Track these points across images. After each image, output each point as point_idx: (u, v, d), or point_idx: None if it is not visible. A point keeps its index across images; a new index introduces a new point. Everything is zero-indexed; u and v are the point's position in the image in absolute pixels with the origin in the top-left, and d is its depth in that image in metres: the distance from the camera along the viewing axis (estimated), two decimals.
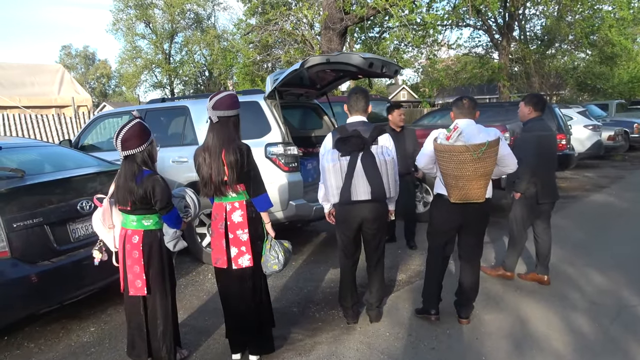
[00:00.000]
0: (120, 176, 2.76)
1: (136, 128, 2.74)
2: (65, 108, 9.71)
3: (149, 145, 2.79)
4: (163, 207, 2.76)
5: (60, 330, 3.61)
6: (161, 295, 2.86)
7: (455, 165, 2.96)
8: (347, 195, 3.12)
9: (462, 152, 2.91)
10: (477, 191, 3.03)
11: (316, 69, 4.69)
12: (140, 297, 2.84)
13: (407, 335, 3.28)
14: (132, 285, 2.81)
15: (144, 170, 2.74)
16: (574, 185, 8.95)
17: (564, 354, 2.93)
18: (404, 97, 38.06)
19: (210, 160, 2.80)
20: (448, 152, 2.97)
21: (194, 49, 33.16)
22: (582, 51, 20.65)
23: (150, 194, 2.69)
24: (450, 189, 3.11)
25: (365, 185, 3.10)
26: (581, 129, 10.32)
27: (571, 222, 6.14)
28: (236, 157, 2.77)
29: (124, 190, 2.71)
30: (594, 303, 3.64)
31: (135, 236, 2.78)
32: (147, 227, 2.80)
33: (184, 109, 5.26)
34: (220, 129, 2.83)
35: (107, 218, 2.91)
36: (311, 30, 15.60)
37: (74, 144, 5.75)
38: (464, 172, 2.95)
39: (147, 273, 2.80)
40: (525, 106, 4.04)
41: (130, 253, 2.79)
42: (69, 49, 49.32)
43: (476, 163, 2.92)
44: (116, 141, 2.71)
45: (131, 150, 2.72)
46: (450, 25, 18.96)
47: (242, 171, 2.81)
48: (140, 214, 2.77)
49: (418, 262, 4.81)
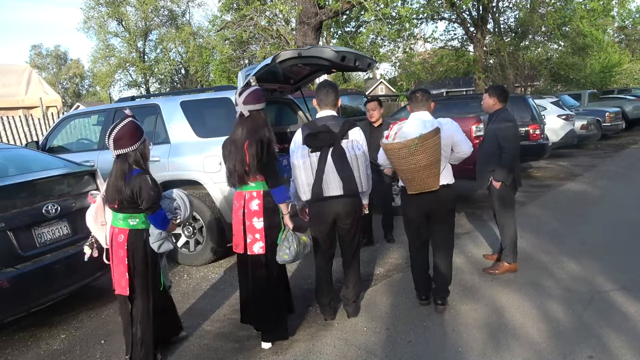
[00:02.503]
0: (111, 174, 2.78)
1: (129, 127, 2.73)
2: (34, 109, 9.42)
3: (142, 144, 2.79)
4: (148, 207, 2.73)
5: (29, 338, 3.50)
6: (142, 297, 2.85)
7: (398, 161, 3.14)
8: (319, 192, 3.10)
9: (400, 149, 3.07)
10: (428, 180, 3.17)
11: (289, 63, 4.63)
12: (125, 297, 2.84)
13: (384, 329, 3.27)
14: (117, 284, 2.84)
15: (134, 169, 2.73)
16: (548, 175, 9.08)
17: (539, 341, 2.96)
18: (382, 91, 38.18)
19: (235, 152, 2.96)
20: (389, 151, 3.15)
21: (169, 46, 32.69)
22: (555, 42, 21.02)
23: (137, 193, 2.68)
24: (405, 182, 3.29)
25: (336, 180, 3.09)
26: (555, 119, 10.48)
27: (545, 210, 6.22)
28: (257, 148, 2.90)
29: (113, 188, 2.74)
30: (568, 290, 3.68)
31: (120, 235, 2.80)
32: (132, 226, 2.80)
33: (154, 107, 5.14)
34: (250, 122, 2.98)
35: (99, 215, 2.93)
36: (287, 26, 15.50)
37: (41, 146, 5.58)
38: (408, 166, 3.11)
39: (130, 273, 2.79)
40: (489, 97, 4.07)
41: (117, 252, 2.80)
42: (40, 48, 48.05)
43: (414, 156, 3.05)
44: (108, 140, 2.71)
45: (123, 150, 2.71)
46: (425, 18, 19.10)
47: (261, 162, 2.92)
48: (127, 212, 2.78)
49: (396, 255, 4.80)
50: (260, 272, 3.07)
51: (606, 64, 24.59)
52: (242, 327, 3.40)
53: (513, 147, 3.91)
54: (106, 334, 3.48)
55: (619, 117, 14.04)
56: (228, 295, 4.05)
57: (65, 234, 3.60)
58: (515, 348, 2.91)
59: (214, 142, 4.47)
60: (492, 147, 3.99)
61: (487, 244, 4.93)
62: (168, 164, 4.78)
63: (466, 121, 6.16)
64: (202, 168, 4.62)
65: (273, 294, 3.11)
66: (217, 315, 3.68)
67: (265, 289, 3.09)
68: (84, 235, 3.71)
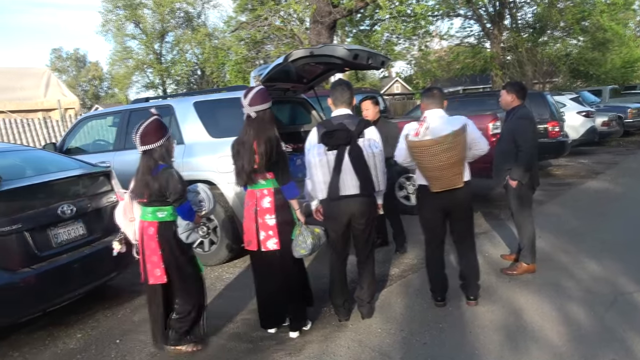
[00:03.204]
0: (138, 170, 2.92)
1: (154, 124, 2.91)
2: (52, 111, 9.58)
3: (167, 140, 2.95)
4: (176, 200, 2.89)
5: (47, 337, 3.53)
6: (182, 282, 3.01)
7: (427, 158, 3.11)
8: (335, 190, 3.07)
9: (431, 146, 3.06)
10: (454, 178, 3.18)
11: (301, 63, 4.61)
12: (159, 286, 2.98)
13: (399, 331, 3.22)
14: (151, 274, 2.96)
15: (160, 164, 2.89)
16: (569, 172, 8.90)
17: (559, 344, 2.87)
18: (398, 90, 37.96)
19: (244, 152, 3.02)
20: (418, 148, 3.13)
21: (185, 48, 32.94)
22: (574, 37, 20.58)
23: (165, 186, 2.84)
24: (429, 180, 3.26)
25: (353, 179, 3.06)
26: (574, 115, 10.26)
27: (566, 209, 6.08)
28: (266, 147, 2.95)
29: (141, 184, 2.88)
30: (589, 291, 3.58)
31: (150, 228, 2.93)
32: (161, 218, 2.94)
33: (168, 108, 5.17)
34: (257, 122, 3.03)
35: (128, 211, 3.07)
36: (301, 25, 15.49)
37: (58, 148, 5.66)
38: (437, 163, 3.10)
39: (165, 262, 2.94)
40: (508, 94, 3.99)
41: (148, 244, 2.94)
42: (60, 51, 48.91)
43: (446, 153, 3.06)
44: (135, 136, 2.88)
45: (149, 145, 2.87)
46: (441, 15, 18.91)
47: (270, 160, 2.98)
48: (155, 205, 2.92)
49: (411, 256, 4.74)
50: (276, 266, 3.15)
51: (628, 58, 23.98)
52: (257, 328, 3.40)
53: (530, 145, 3.82)
54: (121, 333, 3.50)
55: None
56: (242, 296, 4.04)
57: (81, 234, 3.63)
58: (534, 351, 2.83)
59: (227, 142, 4.39)
60: (509, 144, 3.91)
61: (505, 244, 4.83)
62: (182, 164, 4.78)
63: (483, 119, 6.07)
64: (215, 168, 4.62)
65: (294, 285, 3.21)
66: (232, 315, 3.67)
67: (285, 281, 3.17)
68: (99, 235, 3.78)
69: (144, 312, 3.83)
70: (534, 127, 3.94)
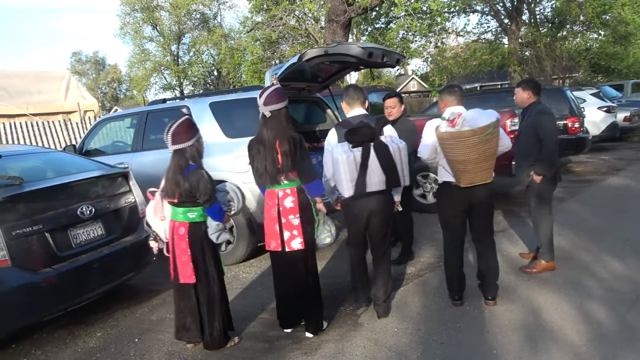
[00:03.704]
0: (169, 170, 2.95)
1: (185, 124, 2.95)
2: (72, 114, 9.77)
3: (197, 141, 2.99)
4: (206, 200, 2.92)
5: (68, 336, 3.60)
6: (208, 283, 3.04)
7: (464, 150, 3.02)
8: (362, 187, 3.09)
9: (469, 137, 2.98)
10: (486, 172, 3.14)
11: (315, 62, 4.60)
12: (191, 284, 3.01)
13: (416, 330, 3.19)
14: (181, 274, 3.00)
15: (191, 164, 2.92)
16: (589, 169, 8.72)
17: (579, 344, 2.82)
18: (414, 87, 37.69)
19: (265, 152, 3.00)
20: (455, 139, 3.04)
21: (201, 49, 33.24)
22: (595, 32, 20.15)
23: (195, 187, 2.87)
24: (459, 174, 3.17)
25: (380, 175, 3.09)
26: (595, 111, 10.06)
27: (586, 206, 5.97)
28: (290, 146, 2.95)
29: (172, 183, 2.91)
30: (610, 290, 3.51)
31: (181, 228, 2.97)
32: (192, 219, 2.98)
33: (184, 108, 5.20)
34: (273, 122, 3.02)
35: (158, 210, 3.10)
36: (316, 24, 15.49)
37: (78, 149, 5.75)
38: (472, 156, 3.02)
39: (194, 262, 2.97)
40: (524, 91, 3.95)
41: (178, 244, 2.98)
42: (79, 55, 49.70)
43: (484, 145, 3.00)
44: (166, 136, 2.92)
45: (180, 145, 2.91)
46: (457, 11, 18.70)
47: (294, 159, 2.98)
48: (186, 206, 2.95)
49: (428, 254, 4.71)
50: (300, 266, 3.16)
51: None
52: (273, 327, 3.41)
53: (554, 139, 3.78)
54: (140, 332, 3.55)
55: None
56: (259, 295, 4.06)
57: (100, 234, 3.69)
58: (553, 351, 2.78)
59: (242, 142, 4.45)
60: (529, 141, 3.85)
61: (523, 242, 4.76)
62: None
63: (501, 115, 5.96)
64: (231, 168, 4.65)
65: (314, 286, 3.23)
66: (248, 314, 3.68)
67: (306, 282, 3.18)
68: (117, 235, 3.83)
69: (162, 311, 3.90)
70: (554, 121, 3.89)
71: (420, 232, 5.16)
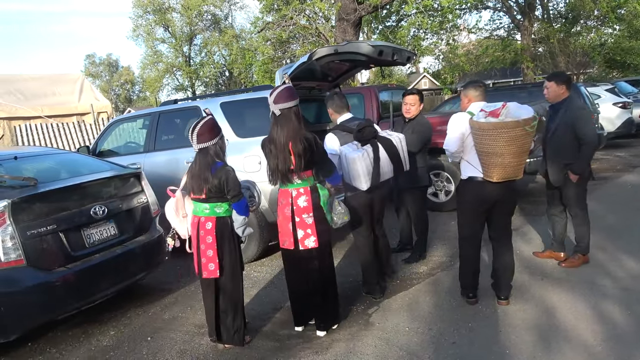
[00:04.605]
0: (195, 167, 3.02)
1: (209, 123, 3.02)
2: (86, 115, 9.89)
3: (220, 139, 3.07)
4: (235, 196, 3.01)
5: (82, 334, 3.64)
6: (233, 278, 3.11)
7: (505, 142, 2.94)
8: (377, 178, 3.40)
9: (513, 128, 2.92)
10: (519, 168, 3.10)
11: (325, 60, 4.60)
12: (212, 280, 3.08)
13: (427, 329, 3.18)
14: (205, 269, 3.05)
15: (217, 162, 3.00)
16: (605, 166, 8.59)
17: (593, 344, 2.78)
18: (425, 85, 37.46)
19: (277, 152, 3.01)
20: (498, 129, 2.96)
21: (213, 50, 33.44)
22: (609, 26, 19.85)
23: (224, 183, 2.95)
24: (492, 168, 3.09)
25: (389, 165, 3.49)
26: (610, 107, 9.89)
27: (601, 204, 5.87)
28: (304, 146, 2.97)
29: (199, 179, 2.98)
30: (626, 289, 3.45)
31: (208, 223, 3.03)
32: (219, 214, 3.05)
33: (195, 109, 5.25)
34: (284, 121, 3.02)
35: (179, 207, 3.17)
36: (327, 23, 15.48)
37: (91, 150, 5.82)
38: (512, 149, 2.96)
39: (220, 257, 3.03)
40: (558, 85, 3.83)
41: (204, 238, 3.03)
42: (93, 57, 50.17)
43: (525, 138, 2.96)
44: (192, 135, 2.99)
45: (205, 144, 2.98)
46: (469, 8, 18.54)
47: (309, 159, 3.01)
48: (213, 202, 3.03)
49: (440, 253, 4.68)
50: (314, 264, 3.19)
51: None
52: (283, 326, 3.42)
53: (594, 138, 3.75)
54: (153, 331, 3.58)
55: None
56: (270, 294, 4.07)
57: (113, 234, 3.73)
58: (567, 351, 2.75)
59: (253, 142, 4.50)
60: (566, 139, 3.77)
61: (537, 241, 4.71)
62: None
63: None
64: (242, 168, 4.66)
65: (329, 284, 3.27)
66: (259, 313, 3.70)
67: (321, 279, 3.21)
68: (130, 235, 3.87)
69: (174, 309, 3.93)
70: (592, 118, 3.83)
71: (432, 230, 5.12)
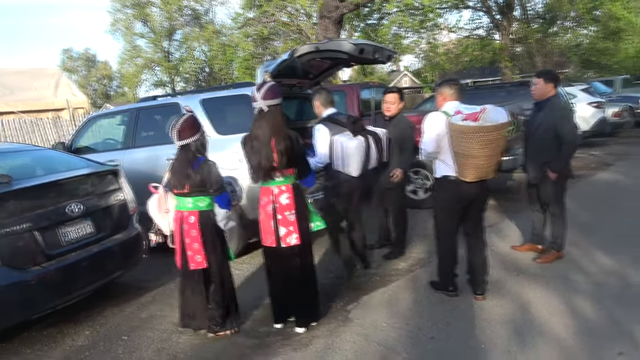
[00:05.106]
0: (176, 164, 3.09)
1: (190, 120, 3.09)
2: (62, 111, 9.69)
3: (201, 135, 3.14)
4: (217, 190, 3.09)
5: (57, 334, 3.58)
6: (218, 268, 3.18)
7: (482, 145, 3.04)
8: (366, 166, 3.66)
9: (492, 132, 3.02)
10: (492, 168, 3.22)
11: (307, 58, 4.61)
12: (200, 271, 3.14)
13: (405, 325, 3.21)
14: (192, 261, 3.12)
15: (199, 157, 3.07)
16: (579, 164, 8.77)
17: (566, 338, 2.86)
18: (406, 84, 37.71)
19: (260, 148, 3.02)
20: (477, 133, 3.03)
21: (193, 45, 33.04)
22: (585, 27, 20.29)
23: (207, 177, 3.03)
24: (467, 169, 3.17)
25: (375, 155, 3.73)
26: (585, 106, 10.11)
27: (576, 202, 5.98)
28: (286, 144, 3.00)
29: (181, 176, 3.04)
30: (598, 284, 3.55)
31: (191, 216, 3.10)
32: (201, 208, 3.11)
33: (175, 106, 5.19)
34: (269, 117, 3.04)
35: (162, 204, 3.22)
36: (308, 20, 15.46)
37: (67, 147, 5.71)
38: (487, 151, 3.06)
39: (205, 248, 3.10)
40: (546, 83, 3.87)
41: (189, 232, 3.09)
42: (70, 52, 48.99)
43: (501, 141, 3.08)
44: (172, 132, 3.05)
45: (186, 140, 3.05)
46: (449, 7, 18.73)
47: (291, 157, 3.05)
48: (195, 195, 3.09)
49: (419, 250, 4.73)
50: (296, 261, 3.20)
51: None
52: (263, 323, 3.42)
53: (575, 138, 3.85)
54: (129, 330, 3.54)
55: None
56: (249, 292, 4.06)
57: (89, 232, 3.67)
58: (541, 345, 2.82)
59: (233, 139, 4.47)
60: (547, 137, 3.83)
61: (514, 237, 4.80)
62: None
63: None
64: (222, 165, 4.61)
65: (310, 281, 3.29)
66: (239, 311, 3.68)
67: (302, 277, 3.22)
68: (107, 233, 3.82)
69: (151, 308, 3.89)
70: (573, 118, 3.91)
71: (411, 227, 5.16)
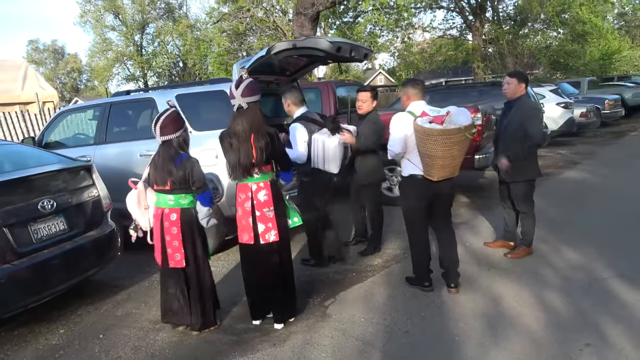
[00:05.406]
0: (158, 160, 3.05)
1: (172, 116, 3.07)
2: (30, 104, 9.39)
3: (184, 131, 3.12)
4: (200, 187, 3.07)
5: (28, 334, 3.50)
6: (197, 266, 3.17)
7: (447, 146, 3.13)
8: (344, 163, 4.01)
9: (456, 134, 3.10)
10: (457, 167, 3.35)
11: (284, 55, 4.60)
12: (180, 270, 3.12)
13: (382, 320, 3.27)
14: (172, 259, 3.09)
15: (182, 153, 3.05)
16: (547, 163, 9.04)
17: (536, 330, 2.96)
18: (381, 82, 38.02)
19: (238, 144, 3.00)
20: (441, 135, 3.11)
21: (166, 39, 32.50)
22: (554, 30, 20.88)
23: (189, 174, 3.00)
24: (433, 169, 3.28)
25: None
26: (553, 107, 10.41)
27: (544, 199, 6.18)
28: (266, 141, 3.00)
29: (163, 172, 3.01)
30: (567, 278, 3.68)
31: (173, 214, 3.07)
32: (183, 205, 3.10)
33: (150, 101, 5.11)
34: (248, 114, 3.03)
35: (141, 199, 3.15)
36: (284, 17, 15.41)
37: (37, 142, 5.56)
38: (452, 152, 3.16)
39: (185, 247, 3.08)
40: (519, 82, 4.02)
41: (169, 230, 3.07)
42: (37, 43, 47.52)
43: (465, 142, 3.19)
44: (155, 128, 3.02)
45: (168, 136, 3.03)
46: (423, 7, 18.99)
47: (270, 154, 3.06)
48: (177, 193, 3.06)
49: (394, 246, 4.80)
50: (275, 257, 3.20)
51: (606, 51, 24.47)
52: (241, 320, 3.42)
53: (541, 138, 4.10)
54: (105, 328, 3.49)
55: (618, 104, 13.95)
56: (226, 289, 4.04)
57: (62, 229, 3.59)
58: (512, 337, 2.91)
59: (209, 135, 4.45)
60: (517, 135, 3.95)
61: (486, 234, 4.92)
62: None
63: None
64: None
65: (287, 277, 3.30)
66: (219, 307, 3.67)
67: (280, 273, 3.23)
68: (80, 230, 3.74)
69: (127, 306, 3.84)
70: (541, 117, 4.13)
71: (387, 224, 5.23)
